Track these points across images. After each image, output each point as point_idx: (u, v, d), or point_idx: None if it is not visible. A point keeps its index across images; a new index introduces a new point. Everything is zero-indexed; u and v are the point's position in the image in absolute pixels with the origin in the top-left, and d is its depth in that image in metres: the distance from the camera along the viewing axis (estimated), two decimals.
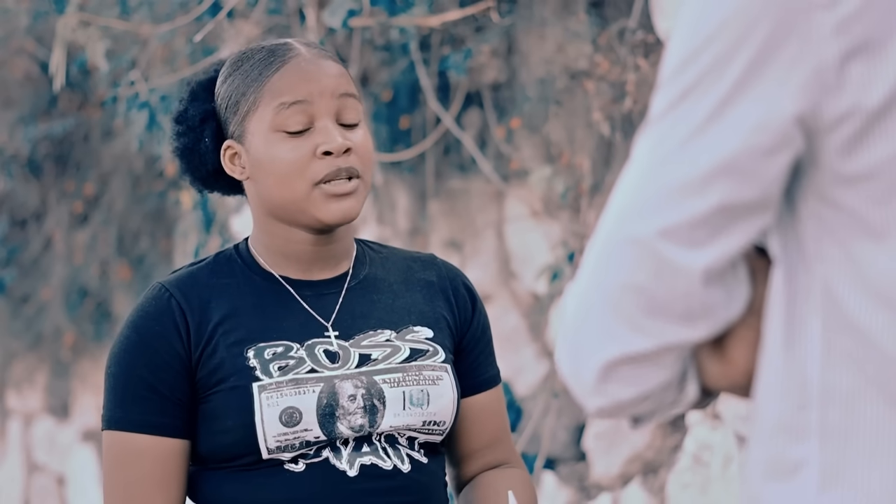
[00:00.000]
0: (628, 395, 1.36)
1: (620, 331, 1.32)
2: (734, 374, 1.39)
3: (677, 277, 1.30)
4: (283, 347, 2.06)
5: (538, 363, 3.77)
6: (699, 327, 1.33)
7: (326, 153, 2.04)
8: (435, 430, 2.10)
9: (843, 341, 1.32)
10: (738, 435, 3.26)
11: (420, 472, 2.09)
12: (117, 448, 2.06)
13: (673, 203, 1.29)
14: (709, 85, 1.29)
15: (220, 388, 2.04)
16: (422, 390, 2.08)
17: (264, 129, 2.06)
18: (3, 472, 5.80)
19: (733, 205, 1.30)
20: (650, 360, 1.33)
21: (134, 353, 2.06)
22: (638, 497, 3.47)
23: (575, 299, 1.35)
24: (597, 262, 1.33)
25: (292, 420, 2.01)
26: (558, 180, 3.57)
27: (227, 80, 2.11)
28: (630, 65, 3.36)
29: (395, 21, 3.66)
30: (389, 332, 2.11)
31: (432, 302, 2.17)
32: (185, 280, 2.10)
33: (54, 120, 5.12)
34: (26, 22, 4.76)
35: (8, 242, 5.43)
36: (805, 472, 1.33)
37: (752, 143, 1.29)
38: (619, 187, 1.34)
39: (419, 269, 2.20)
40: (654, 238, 1.30)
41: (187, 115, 2.13)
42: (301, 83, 2.06)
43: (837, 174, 1.31)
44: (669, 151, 1.30)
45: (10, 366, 5.59)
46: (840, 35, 1.28)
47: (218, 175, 2.14)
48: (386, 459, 2.06)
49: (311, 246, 2.11)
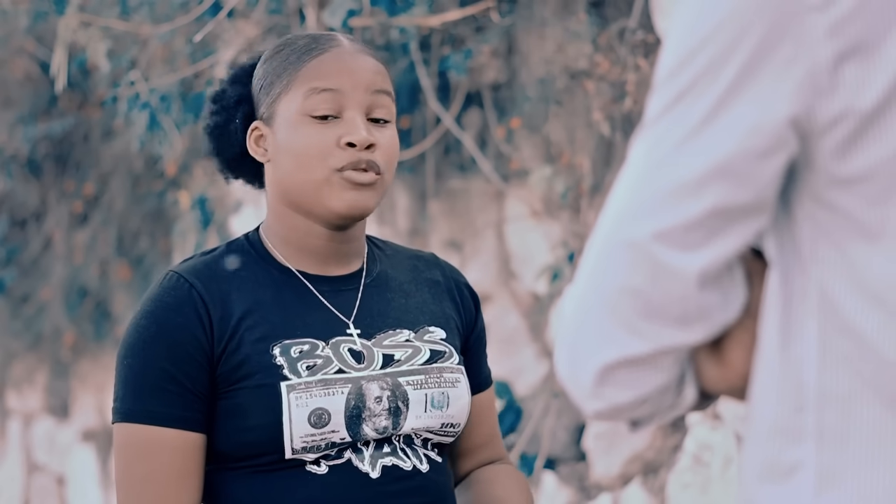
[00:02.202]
0: (626, 398, 1.35)
1: (617, 334, 1.32)
2: (732, 376, 1.39)
3: (673, 280, 1.30)
4: (309, 345, 2.03)
5: (538, 363, 3.77)
6: (695, 330, 1.33)
7: (350, 144, 2.03)
8: (450, 432, 2.10)
9: (840, 343, 1.32)
10: (738, 435, 3.26)
11: (436, 471, 2.09)
12: (135, 441, 2.00)
13: (668, 206, 1.29)
14: (703, 87, 1.29)
15: (245, 384, 2.00)
16: (443, 392, 2.07)
17: (293, 111, 2.05)
18: (3, 472, 5.80)
19: (728, 207, 1.30)
20: (647, 364, 1.33)
21: (153, 344, 2.01)
22: (638, 497, 3.47)
23: (572, 302, 1.35)
24: (594, 265, 1.33)
25: (321, 421, 1.98)
26: (558, 180, 3.57)
27: (267, 63, 2.11)
28: (630, 65, 3.36)
29: (396, 21, 3.66)
30: (408, 332, 2.10)
31: (440, 302, 2.17)
32: (203, 271, 2.06)
33: (54, 120, 5.13)
34: (26, 22, 4.76)
35: (8, 242, 5.44)
36: (801, 475, 1.33)
37: (747, 146, 1.29)
38: (615, 190, 1.34)
39: (424, 268, 2.20)
40: (649, 241, 1.30)
41: (224, 96, 2.14)
42: (336, 72, 2.05)
43: (832, 176, 1.31)
44: (664, 154, 1.30)
45: (10, 366, 5.59)
46: (833, 37, 1.28)
47: (243, 158, 2.13)
48: (405, 460, 2.05)
49: (326, 241, 2.09)
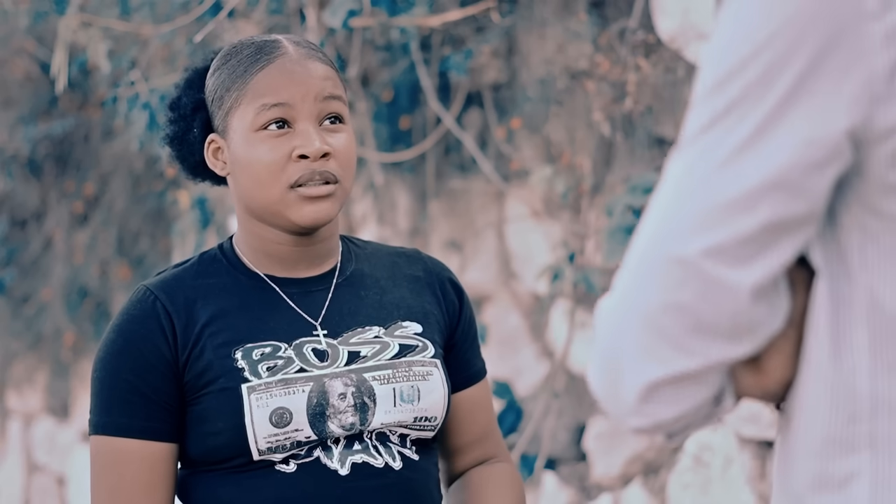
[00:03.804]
0: (670, 414, 1.34)
1: (663, 351, 1.30)
2: (768, 383, 1.38)
3: (724, 296, 1.28)
4: (271, 348, 2.05)
5: (538, 363, 3.76)
6: (745, 343, 1.32)
7: (302, 157, 2.04)
8: (427, 426, 2.10)
9: (892, 350, 1.31)
10: (738, 436, 3.26)
11: (411, 469, 2.08)
12: (104, 453, 2.05)
13: (718, 221, 1.27)
14: (756, 99, 1.27)
15: (209, 390, 2.03)
16: (412, 386, 2.07)
17: (245, 127, 2.06)
18: (3, 473, 5.80)
19: (782, 221, 1.28)
20: (693, 379, 1.32)
21: (119, 356, 2.05)
22: (638, 497, 3.47)
23: (609, 320, 1.33)
24: (633, 282, 1.31)
25: (283, 420, 2.00)
26: (559, 180, 3.57)
27: (216, 74, 2.11)
28: (630, 65, 3.35)
29: (396, 21, 3.66)
30: (378, 329, 2.11)
31: (420, 297, 2.17)
32: (170, 282, 2.09)
33: (54, 120, 5.13)
34: (26, 22, 4.76)
35: (8, 242, 5.43)
36: (856, 484, 1.32)
37: (803, 158, 1.26)
38: (653, 207, 1.32)
39: (405, 264, 2.20)
40: (698, 257, 1.27)
41: (180, 103, 2.14)
42: (284, 85, 2.05)
43: (884, 183, 1.29)
44: (712, 168, 1.28)
45: (10, 366, 5.59)
46: (891, 45, 1.26)
47: (205, 165, 2.15)
48: (377, 457, 2.06)
49: (292, 246, 2.10)
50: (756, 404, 3.21)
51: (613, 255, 3.35)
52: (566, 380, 3.65)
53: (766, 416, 3.19)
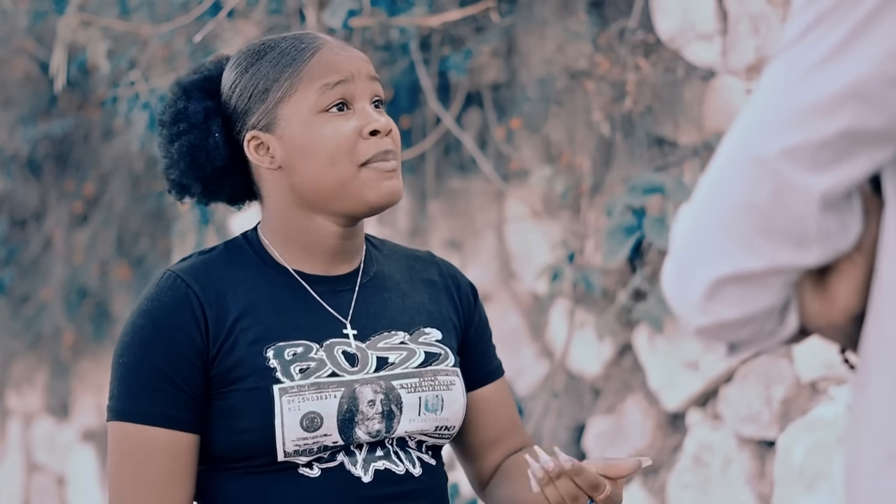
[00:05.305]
0: (732, 315, 1.36)
1: (732, 249, 1.33)
2: (833, 311, 1.39)
3: (796, 198, 1.31)
4: (303, 348, 2.03)
5: (538, 363, 3.77)
6: (812, 252, 1.34)
7: (373, 133, 2.05)
8: (445, 435, 2.10)
9: None
10: (738, 436, 3.26)
11: (430, 474, 2.09)
12: (127, 440, 2.01)
13: (800, 124, 1.30)
14: (845, 11, 1.29)
15: (239, 386, 2.00)
16: (437, 396, 2.07)
17: (304, 112, 2.05)
18: (3, 472, 5.80)
19: (859, 130, 1.30)
20: (758, 282, 1.34)
21: (149, 343, 2.01)
22: (638, 497, 3.47)
23: (688, 217, 1.36)
24: (715, 181, 1.34)
25: (313, 425, 1.99)
26: (558, 180, 3.57)
27: (249, 71, 2.09)
28: (630, 65, 3.36)
29: (396, 21, 3.66)
30: (403, 334, 2.10)
31: (438, 302, 2.17)
32: (201, 271, 2.06)
33: (54, 120, 5.13)
34: (26, 22, 4.76)
35: (8, 242, 5.43)
36: None
37: (884, 70, 1.29)
38: (745, 109, 1.35)
39: (421, 267, 2.20)
40: (776, 157, 1.30)
41: (188, 113, 2.10)
42: (342, 63, 2.06)
43: None
44: (800, 74, 1.31)
45: (10, 366, 5.59)
46: None
47: (222, 174, 2.12)
48: (398, 464, 2.05)
49: (337, 239, 2.09)
50: (756, 404, 3.21)
51: (613, 254, 3.35)
52: (566, 379, 3.65)
53: (765, 416, 3.19)
